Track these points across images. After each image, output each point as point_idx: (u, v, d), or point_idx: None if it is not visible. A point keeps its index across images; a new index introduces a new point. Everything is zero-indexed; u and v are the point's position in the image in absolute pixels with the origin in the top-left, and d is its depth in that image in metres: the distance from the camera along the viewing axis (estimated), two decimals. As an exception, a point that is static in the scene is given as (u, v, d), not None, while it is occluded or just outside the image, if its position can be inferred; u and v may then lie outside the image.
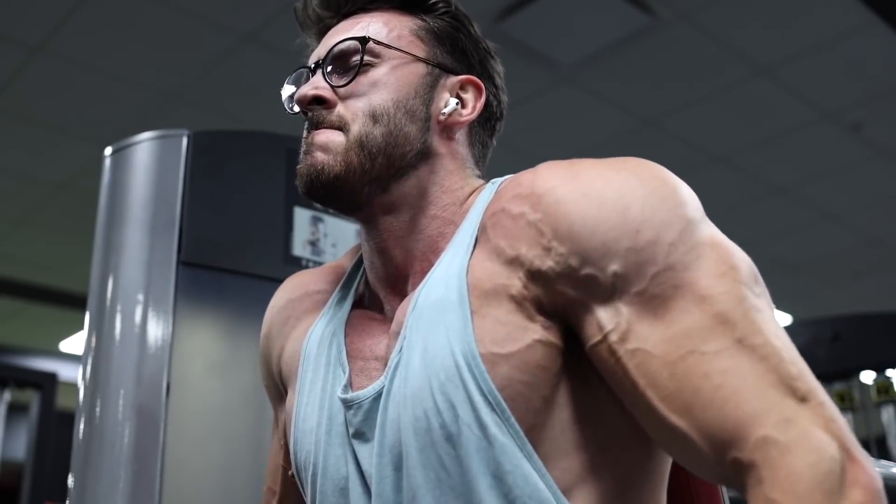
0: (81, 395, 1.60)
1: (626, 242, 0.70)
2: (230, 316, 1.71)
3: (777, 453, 0.61)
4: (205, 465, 1.58)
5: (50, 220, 4.89)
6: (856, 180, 4.56)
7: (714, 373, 0.65)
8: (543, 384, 0.72)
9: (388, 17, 0.88)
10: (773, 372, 0.65)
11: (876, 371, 3.56)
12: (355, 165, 0.82)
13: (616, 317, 0.70)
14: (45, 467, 3.73)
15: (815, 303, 5.84)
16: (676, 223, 0.71)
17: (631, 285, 0.70)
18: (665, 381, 0.67)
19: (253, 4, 3.11)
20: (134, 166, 1.71)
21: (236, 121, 3.80)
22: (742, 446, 0.63)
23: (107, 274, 1.65)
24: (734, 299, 0.68)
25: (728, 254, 0.71)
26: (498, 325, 0.73)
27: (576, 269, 0.71)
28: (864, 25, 3.31)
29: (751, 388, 0.64)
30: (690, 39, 3.37)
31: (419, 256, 0.84)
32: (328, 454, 0.82)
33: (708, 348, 0.66)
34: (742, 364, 0.65)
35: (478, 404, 0.71)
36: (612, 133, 4.02)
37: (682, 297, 0.69)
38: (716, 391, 0.65)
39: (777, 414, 0.63)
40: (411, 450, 0.73)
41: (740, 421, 0.63)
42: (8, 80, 3.57)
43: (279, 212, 1.80)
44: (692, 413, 0.65)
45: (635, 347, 0.69)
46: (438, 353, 0.73)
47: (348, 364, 0.85)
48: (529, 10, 3.16)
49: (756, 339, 0.66)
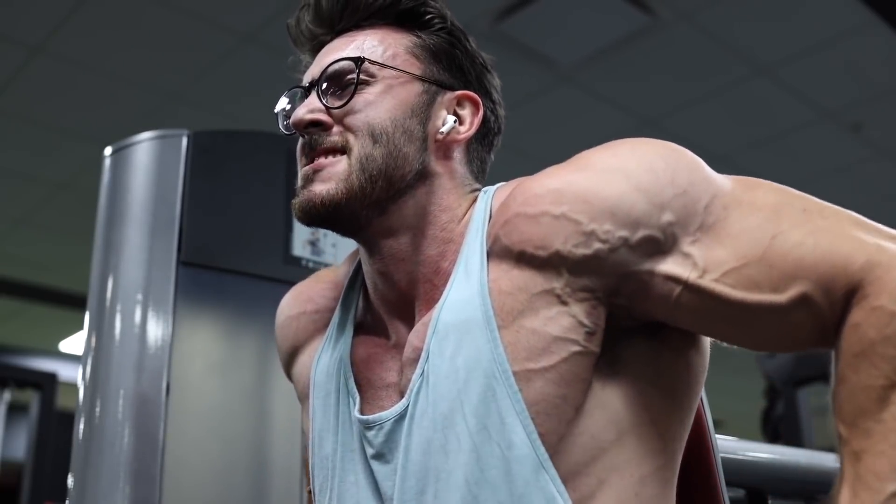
0: (81, 395, 1.60)
1: (668, 192, 0.72)
2: (230, 316, 1.71)
3: (882, 270, 0.66)
4: (205, 465, 1.58)
5: (50, 220, 4.89)
6: (856, 180, 4.56)
7: (804, 238, 0.69)
8: (579, 394, 0.72)
9: (383, 35, 0.86)
10: (846, 221, 0.70)
11: (876, 371, 3.55)
12: (356, 189, 0.81)
13: (687, 260, 0.72)
14: (45, 467, 3.73)
15: (815, 303, 5.82)
16: (698, 166, 0.75)
17: (689, 225, 0.72)
18: (767, 275, 0.69)
19: (253, 4, 3.11)
20: (134, 166, 1.71)
21: (236, 121, 3.80)
22: (850, 274, 0.67)
23: (107, 274, 1.65)
24: (776, 191, 0.74)
25: (748, 177, 0.76)
26: (533, 338, 0.72)
27: (628, 238, 0.71)
28: (864, 25, 3.31)
29: (840, 235, 0.69)
30: (690, 39, 3.37)
31: (422, 279, 0.83)
32: (343, 479, 0.82)
33: (784, 227, 0.70)
34: (820, 224, 0.70)
35: (508, 426, 0.71)
36: (612, 133, 4.00)
37: (735, 210, 0.72)
38: (814, 250, 0.68)
39: (872, 243, 0.68)
40: (441, 473, 0.73)
41: (844, 258, 0.67)
42: (8, 80, 3.57)
43: (279, 212, 1.80)
44: (808, 278, 0.68)
45: (722, 272, 0.71)
46: (468, 377, 0.73)
47: (357, 392, 0.84)
48: (529, 10, 3.16)
49: (816, 205, 0.72)
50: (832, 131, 4.07)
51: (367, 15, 0.88)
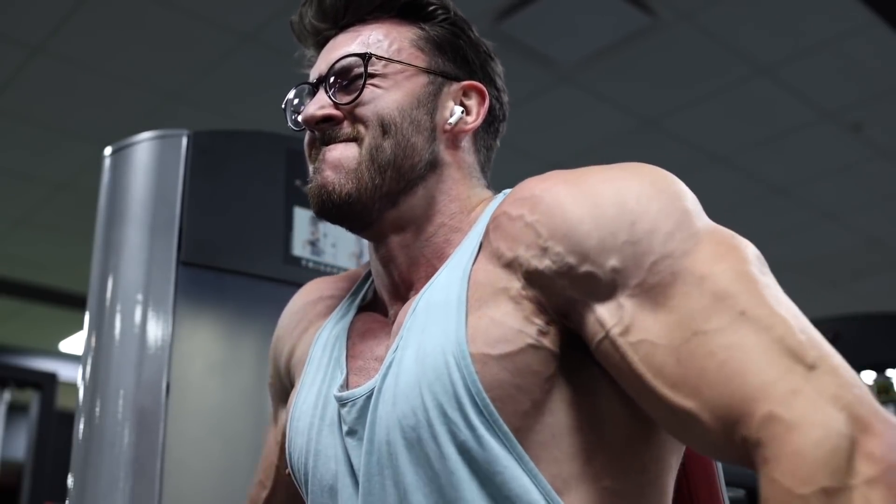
0: (81, 396, 1.60)
1: (622, 236, 0.69)
2: (230, 316, 1.71)
3: (782, 430, 0.58)
4: (205, 465, 1.58)
5: (50, 220, 4.89)
6: (856, 180, 4.56)
7: (718, 350, 0.63)
8: (535, 388, 0.72)
9: (388, 29, 0.87)
10: (778, 342, 0.62)
11: (876, 371, 3.55)
12: (366, 181, 0.82)
13: (618, 311, 0.69)
14: (45, 467, 3.73)
15: (815, 303, 5.83)
16: (673, 213, 0.70)
17: (630, 278, 0.69)
18: (672, 368, 0.65)
19: (253, 4, 3.11)
20: (134, 166, 1.71)
21: (236, 121, 3.80)
22: (749, 424, 0.60)
23: (107, 274, 1.65)
24: (735, 274, 0.66)
25: (727, 237, 0.69)
26: (493, 327, 0.72)
27: (574, 267, 0.71)
28: (864, 25, 3.31)
29: (756, 360, 0.61)
30: (690, 39, 3.37)
31: (423, 263, 0.85)
32: (318, 452, 0.82)
33: (710, 326, 0.64)
34: (746, 337, 0.62)
35: (465, 404, 0.71)
36: (612, 133, 4.02)
37: (682, 281, 0.67)
38: (721, 368, 0.62)
39: (783, 386, 0.60)
40: (400, 448, 0.73)
41: (747, 396, 0.60)
42: (8, 80, 3.57)
43: (279, 212, 1.80)
44: (700, 395, 0.63)
45: (639, 339, 0.67)
46: (430, 353, 0.73)
47: (347, 365, 0.85)
48: (529, 10, 3.16)
49: (760, 311, 0.63)
50: (832, 131, 4.07)
51: (371, 9, 0.88)
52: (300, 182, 1.83)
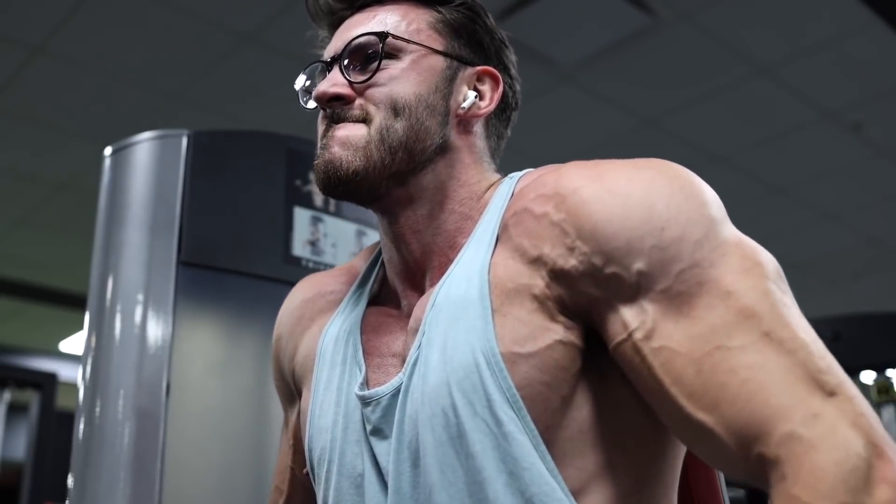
0: (81, 396, 1.60)
1: (651, 240, 0.70)
2: (230, 316, 1.71)
3: (802, 450, 0.60)
4: (205, 465, 1.58)
5: (50, 220, 4.89)
6: (856, 180, 4.56)
7: (740, 367, 0.64)
8: (563, 384, 0.72)
9: (406, 10, 0.87)
10: (800, 366, 0.64)
11: (876, 371, 3.55)
12: (375, 160, 0.81)
13: (641, 315, 0.69)
14: (45, 467, 3.73)
15: (815, 303, 5.83)
16: (702, 221, 0.71)
17: (656, 283, 0.69)
18: (691, 378, 0.66)
19: (253, 4, 3.11)
20: (134, 166, 1.71)
21: (236, 121, 3.80)
22: (767, 442, 0.62)
23: (107, 274, 1.65)
24: (760, 293, 0.67)
25: (753, 251, 0.71)
26: (519, 325, 0.72)
27: (600, 268, 0.71)
28: (864, 25, 3.31)
29: (777, 382, 0.63)
30: (690, 39, 3.37)
31: (437, 251, 0.84)
32: (344, 451, 0.82)
33: (734, 343, 0.65)
34: (769, 358, 0.64)
35: (495, 402, 0.71)
36: (612, 133, 4.02)
37: (708, 293, 0.68)
38: (742, 386, 0.64)
39: (804, 409, 0.62)
40: (428, 447, 0.73)
41: (766, 416, 0.62)
42: (8, 80, 3.57)
43: (279, 212, 1.80)
44: (718, 409, 0.65)
45: (660, 345, 0.68)
46: (458, 351, 0.73)
47: (364, 362, 0.84)
48: (529, 10, 3.16)
49: (783, 333, 0.65)
50: (832, 131, 4.07)
51: None
52: (300, 182, 1.83)
